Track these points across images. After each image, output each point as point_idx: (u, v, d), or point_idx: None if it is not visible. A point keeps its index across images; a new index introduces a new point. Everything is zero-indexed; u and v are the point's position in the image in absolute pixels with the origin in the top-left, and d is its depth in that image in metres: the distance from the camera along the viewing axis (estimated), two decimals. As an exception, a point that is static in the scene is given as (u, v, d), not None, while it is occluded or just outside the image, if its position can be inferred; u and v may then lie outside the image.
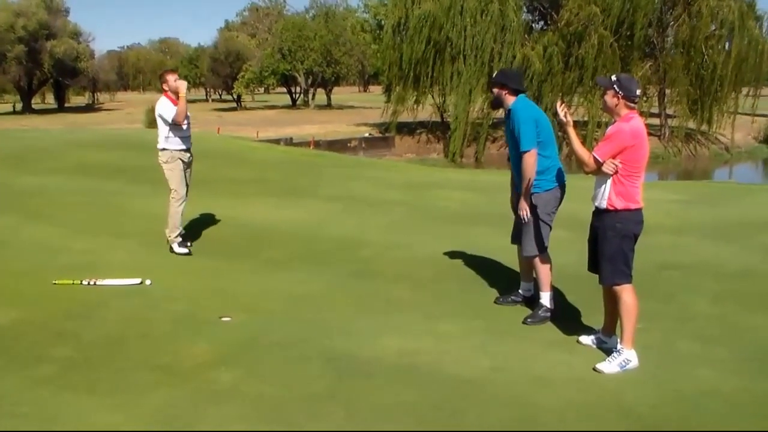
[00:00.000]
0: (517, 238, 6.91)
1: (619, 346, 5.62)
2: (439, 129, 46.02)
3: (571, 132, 5.78)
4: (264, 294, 7.44)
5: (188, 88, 8.98)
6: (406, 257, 8.84)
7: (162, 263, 8.47)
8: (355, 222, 10.94)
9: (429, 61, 41.47)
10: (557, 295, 6.88)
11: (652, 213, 11.42)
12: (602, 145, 5.55)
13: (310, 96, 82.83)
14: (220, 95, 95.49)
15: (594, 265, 5.85)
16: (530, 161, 6.50)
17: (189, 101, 9.09)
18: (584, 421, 4.79)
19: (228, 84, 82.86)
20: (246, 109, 78.25)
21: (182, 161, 9.09)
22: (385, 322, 6.63)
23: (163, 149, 9.04)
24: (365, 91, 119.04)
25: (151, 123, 49.58)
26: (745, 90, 45.38)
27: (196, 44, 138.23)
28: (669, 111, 45.34)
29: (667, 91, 45.24)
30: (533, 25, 48.44)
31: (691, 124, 44.53)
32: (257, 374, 5.47)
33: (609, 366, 5.54)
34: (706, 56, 42.28)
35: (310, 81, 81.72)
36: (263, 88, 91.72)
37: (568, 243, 7.42)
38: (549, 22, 46.27)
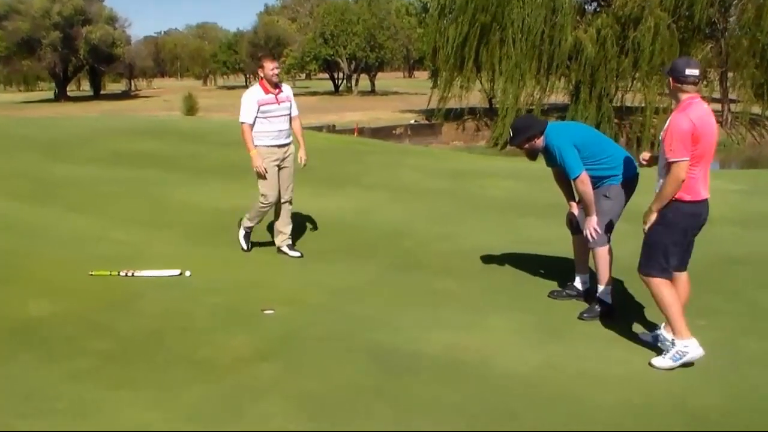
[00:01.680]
0: (579, 227, 6.80)
1: (669, 337, 5.50)
2: (487, 116, 45.77)
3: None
4: (306, 286, 7.44)
5: (226, 74, 8.82)
6: (452, 248, 8.79)
7: (202, 254, 8.51)
8: (399, 211, 10.91)
9: (475, 45, 41.19)
10: (614, 289, 6.76)
11: (715, 204, 11.18)
12: (674, 146, 5.31)
13: (353, 82, 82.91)
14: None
15: None
16: (582, 187, 6.45)
17: (228, 88, 9.02)
18: (643, 422, 4.70)
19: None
20: (287, 95, 78.44)
21: (277, 160, 8.37)
22: (431, 315, 6.59)
23: (256, 146, 8.33)
24: (410, 76, 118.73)
25: (189, 110, 49.94)
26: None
27: (235, 29, 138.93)
28: (732, 96, 44.54)
29: (730, 74, 44.44)
30: (586, 6, 47.78)
31: (756, 110, 43.66)
32: (299, 369, 5.46)
33: (662, 361, 5.44)
34: (772, 37, 41.40)
35: (353, 66, 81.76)
36: (305, 74, 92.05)
37: (625, 235, 7.29)
38: (602, 3, 45.63)
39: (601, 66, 39.98)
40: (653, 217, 5.46)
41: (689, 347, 5.41)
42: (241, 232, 8.71)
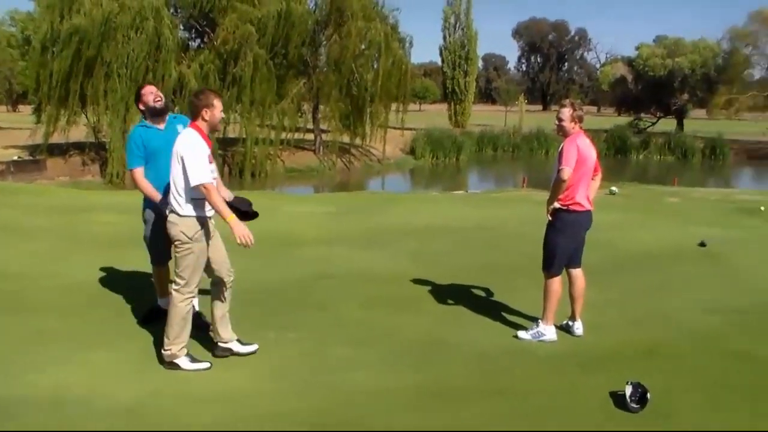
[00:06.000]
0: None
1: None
2: (93, 150, 44.16)
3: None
4: None
5: None
6: (56, 286, 8.42)
7: None
8: (3, 252, 10.25)
9: (80, 79, 39.71)
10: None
11: (306, 226, 11.95)
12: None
13: (-52, 117, 76.21)
14: None
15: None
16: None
17: None
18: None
19: None
20: None
21: (207, 234, 5.97)
22: (37, 356, 6.25)
23: (186, 216, 5.84)
24: (14, 111, 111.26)
25: None
26: (394, 105, 48.61)
27: None
28: (323, 126, 47.26)
29: (321, 107, 47.18)
30: (190, 42, 48.11)
31: (346, 139, 46.84)
32: None
33: (525, 334, 6.91)
34: (356, 74, 44.76)
35: (-54, 100, 75.18)
36: None
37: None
38: (206, 40, 46.28)
39: (202, 99, 40.33)
40: None
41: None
42: (184, 362, 6.01)
